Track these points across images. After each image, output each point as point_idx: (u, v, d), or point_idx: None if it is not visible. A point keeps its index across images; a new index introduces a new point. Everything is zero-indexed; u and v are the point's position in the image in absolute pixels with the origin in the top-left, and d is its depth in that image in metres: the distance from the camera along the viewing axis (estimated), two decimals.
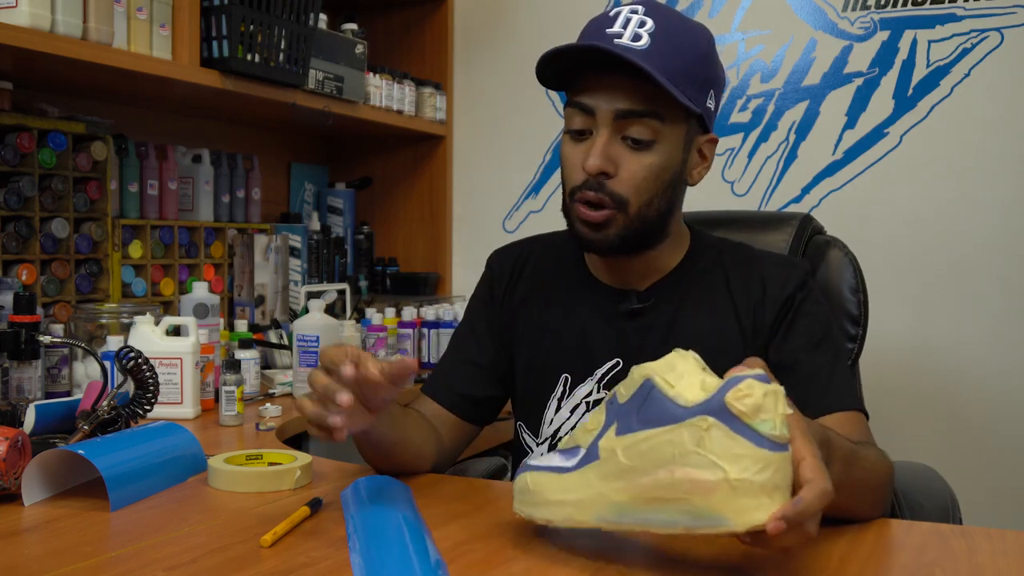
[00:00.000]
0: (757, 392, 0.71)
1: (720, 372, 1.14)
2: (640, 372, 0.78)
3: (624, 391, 0.79)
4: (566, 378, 1.22)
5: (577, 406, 1.21)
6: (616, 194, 1.11)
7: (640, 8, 1.10)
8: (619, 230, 1.13)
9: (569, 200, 1.16)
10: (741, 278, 1.21)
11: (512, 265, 1.32)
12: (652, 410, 0.76)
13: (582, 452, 0.82)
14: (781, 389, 0.73)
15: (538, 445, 1.25)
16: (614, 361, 1.20)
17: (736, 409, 0.71)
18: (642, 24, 1.08)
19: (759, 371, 0.73)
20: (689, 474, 0.73)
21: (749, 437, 0.71)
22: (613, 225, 1.13)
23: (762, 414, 0.71)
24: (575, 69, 1.13)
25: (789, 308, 1.18)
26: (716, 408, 0.72)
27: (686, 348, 1.16)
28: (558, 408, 1.22)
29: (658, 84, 1.06)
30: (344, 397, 0.89)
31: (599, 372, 1.20)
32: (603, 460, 0.79)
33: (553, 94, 2.67)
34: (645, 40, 1.07)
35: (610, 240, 1.14)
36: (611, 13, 1.11)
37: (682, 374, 0.76)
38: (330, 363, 0.92)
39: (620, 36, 1.08)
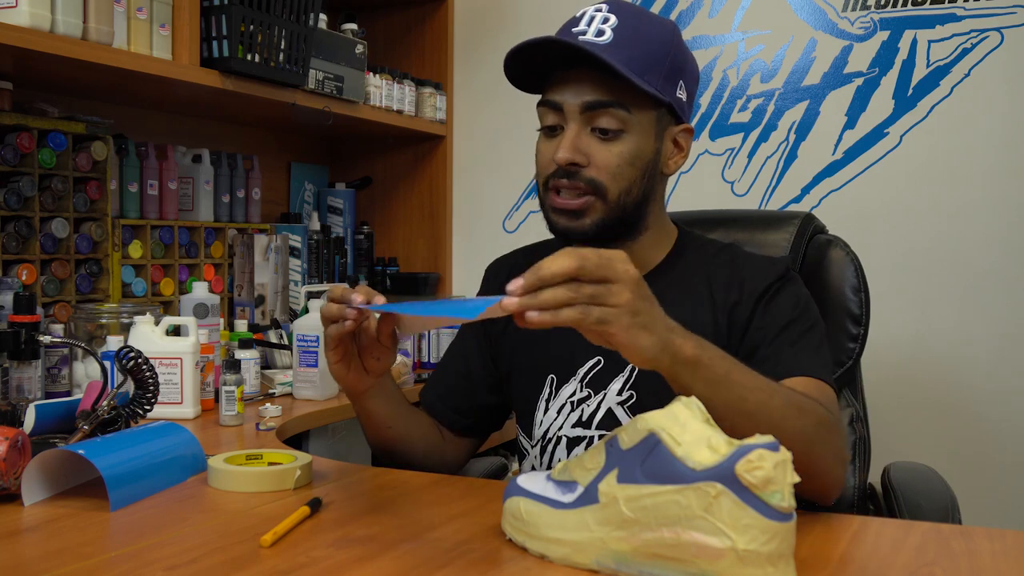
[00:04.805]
0: (767, 464, 0.72)
1: None
2: (644, 424, 0.78)
3: (627, 438, 0.79)
4: (551, 379, 1.24)
5: (563, 406, 1.22)
6: (593, 180, 1.14)
7: (605, 6, 1.15)
8: (597, 217, 1.16)
9: (543, 190, 1.20)
10: (724, 278, 1.20)
11: (507, 275, 1.31)
12: (657, 465, 0.76)
13: (580, 489, 0.82)
14: (789, 456, 0.73)
15: (532, 447, 1.26)
16: (595, 359, 1.21)
17: (747, 481, 0.72)
18: (605, 20, 1.13)
19: (770, 439, 0.73)
20: (695, 538, 0.74)
21: (757, 508, 0.72)
22: (591, 212, 1.15)
23: (771, 486, 0.72)
24: (545, 70, 1.18)
25: (766, 298, 1.17)
26: (726, 476, 0.72)
27: None
28: (546, 409, 1.24)
29: (618, 75, 1.10)
30: (359, 296, 1.01)
31: (581, 371, 1.21)
32: (603, 505, 0.79)
33: None
34: (608, 35, 1.12)
35: (586, 228, 1.16)
36: (579, 14, 1.17)
37: (685, 425, 0.76)
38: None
39: (584, 33, 1.13)
